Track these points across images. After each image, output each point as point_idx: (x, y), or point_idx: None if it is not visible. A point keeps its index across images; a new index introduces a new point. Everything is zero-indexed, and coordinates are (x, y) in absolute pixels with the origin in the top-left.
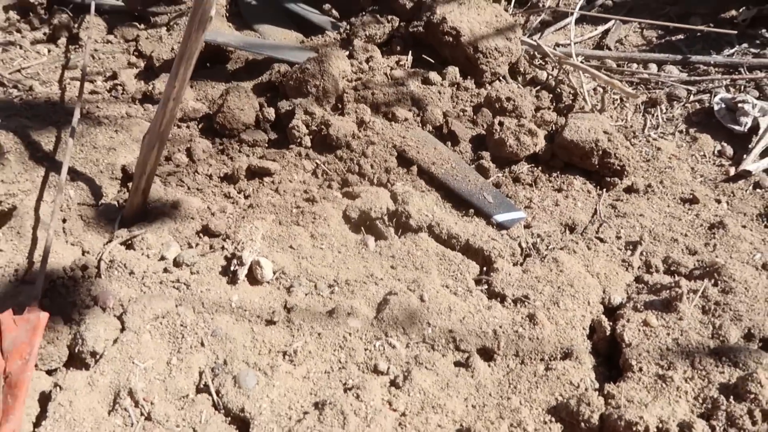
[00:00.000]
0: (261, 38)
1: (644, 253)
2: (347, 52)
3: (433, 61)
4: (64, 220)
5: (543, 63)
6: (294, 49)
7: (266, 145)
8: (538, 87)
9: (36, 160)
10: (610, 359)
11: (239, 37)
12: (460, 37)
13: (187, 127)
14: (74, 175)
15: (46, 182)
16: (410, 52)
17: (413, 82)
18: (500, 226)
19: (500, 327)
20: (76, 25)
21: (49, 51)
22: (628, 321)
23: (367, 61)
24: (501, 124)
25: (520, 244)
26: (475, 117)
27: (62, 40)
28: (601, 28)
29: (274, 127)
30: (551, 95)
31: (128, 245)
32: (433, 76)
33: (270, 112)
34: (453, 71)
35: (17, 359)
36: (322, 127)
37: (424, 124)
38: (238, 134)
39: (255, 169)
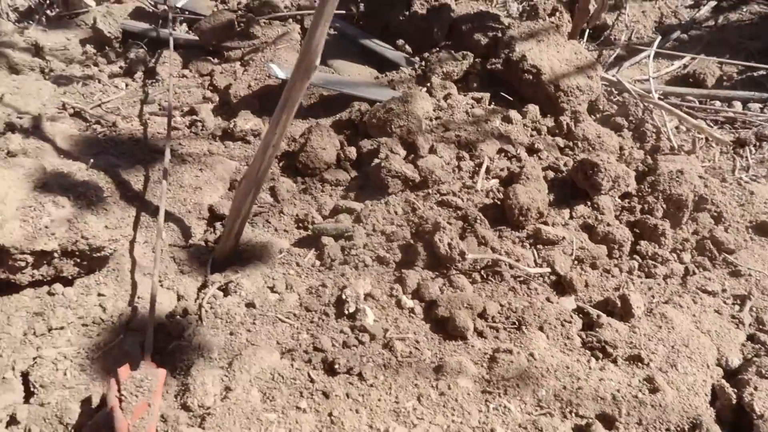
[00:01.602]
0: (336, 74)
1: (754, 309)
2: (425, 89)
3: (510, 98)
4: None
5: (621, 99)
6: (371, 85)
7: (347, 184)
8: (620, 125)
9: (127, 200)
10: (737, 429)
11: (316, 74)
12: (540, 75)
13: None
14: (165, 215)
15: (138, 223)
16: (487, 88)
17: (495, 121)
18: None
19: (618, 391)
20: (152, 60)
21: (126, 85)
22: (755, 389)
23: (446, 98)
24: (594, 167)
25: None
26: (558, 158)
27: (138, 74)
28: (678, 63)
29: (355, 166)
30: (633, 133)
31: (225, 291)
32: (514, 114)
33: (351, 152)
34: (534, 110)
35: (137, 418)
36: (408, 168)
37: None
38: (320, 173)
39: (341, 209)
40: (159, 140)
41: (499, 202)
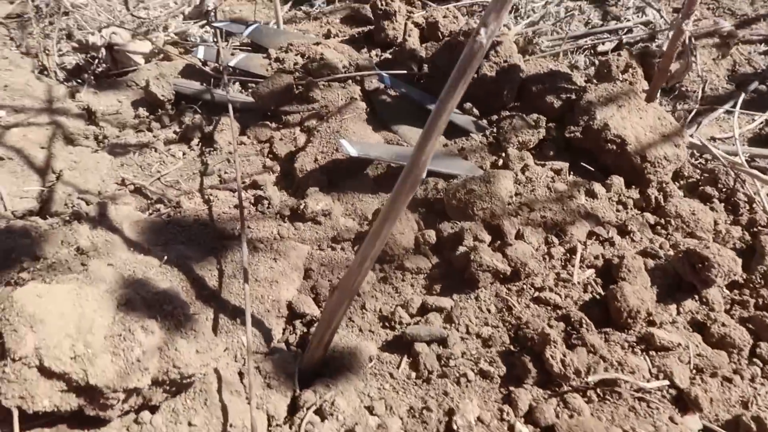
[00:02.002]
0: (403, 142)
1: None
2: (500, 160)
3: (591, 168)
4: (240, 374)
5: (705, 163)
6: (442, 156)
7: (428, 271)
8: (709, 195)
9: (204, 300)
10: None
11: (388, 149)
12: (625, 146)
13: (342, 249)
14: (244, 318)
15: (217, 327)
16: (564, 156)
17: (579, 197)
18: None
19: None
20: (209, 126)
21: (183, 154)
22: None
23: (523, 170)
24: (703, 261)
25: None
26: (652, 240)
27: (195, 141)
28: (760, 118)
29: (435, 250)
30: (725, 204)
31: (320, 412)
32: (598, 188)
33: (431, 236)
34: (618, 182)
35: None
36: (498, 260)
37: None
38: (399, 260)
39: (429, 307)
40: (226, 222)
41: (598, 297)
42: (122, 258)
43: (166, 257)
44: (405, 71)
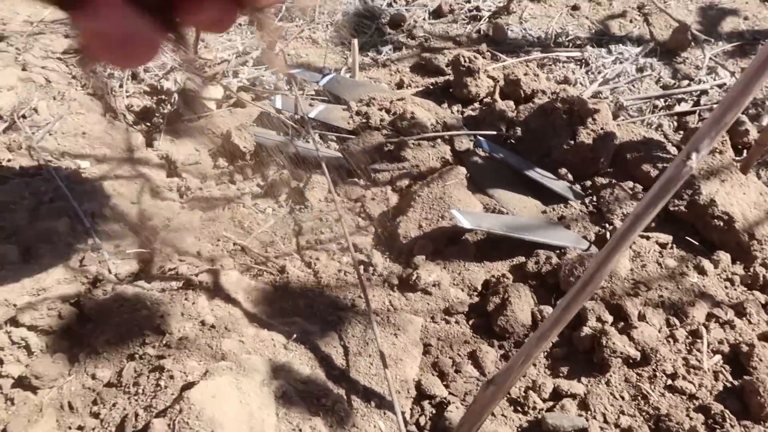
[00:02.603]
0: (502, 207)
1: None
2: (605, 231)
3: (695, 242)
4: None
5: None
6: (546, 226)
7: (549, 350)
8: None
9: (334, 380)
10: None
11: (497, 219)
12: (733, 222)
13: (456, 322)
14: (378, 400)
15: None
16: (664, 228)
17: (690, 275)
18: None
19: None
20: (296, 182)
21: (273, 211)
22: None
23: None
24: None
25: None
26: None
27: (283, 197)
28: None
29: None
30: None
31: None
32: (707, 265)
33: (549, 313)
34: (725, 259)
35: None
36: (628, 344)
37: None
38: (518, 337)
39: (563, 393)
40: (337, 290)
41: (729, 385)
42: (250, 335)
43: (293, 334)
44: (495, 132)
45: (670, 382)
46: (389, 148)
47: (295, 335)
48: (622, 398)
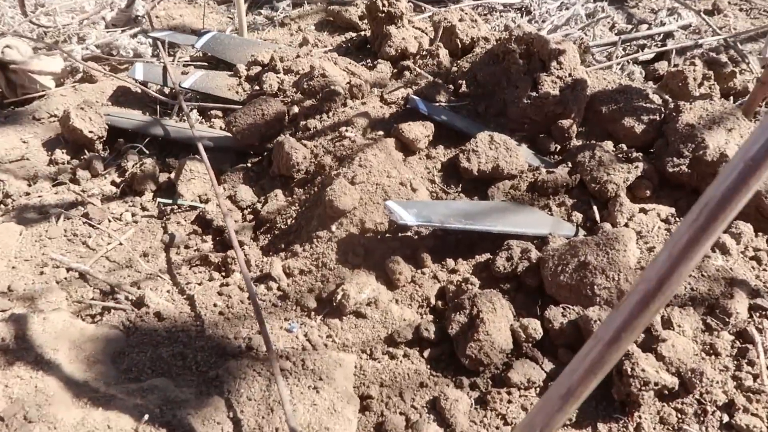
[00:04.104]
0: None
1: None
2: (593, 210)
3: None
4: None
5: None
6: (516, 208)
7: (542, 383)
8: None
9: None
10: None
11: (448, 207)
12: None
13: (405, 356)
14: None
15: None
16: (660, 195)
17: (712, 254)
18: None
19: None
20: (166, 174)
21: (132, 216)
22: None
23: (627, 222)
24: None
25: None
26: None
27: (147, 196)
28: None
29: (539, 346)
30: None
31: None
32: (728, 241)
33: (535, 328)
34: (747, 231)
35: None
36: (661, 371)
37: None
38: (496, 369)
39: None
40: (223, 327)
41: None
42: (70, 422)
43: (147, 411)
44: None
45: (726, 417)
46: (293, 119)
47: (146, 416)
48: None
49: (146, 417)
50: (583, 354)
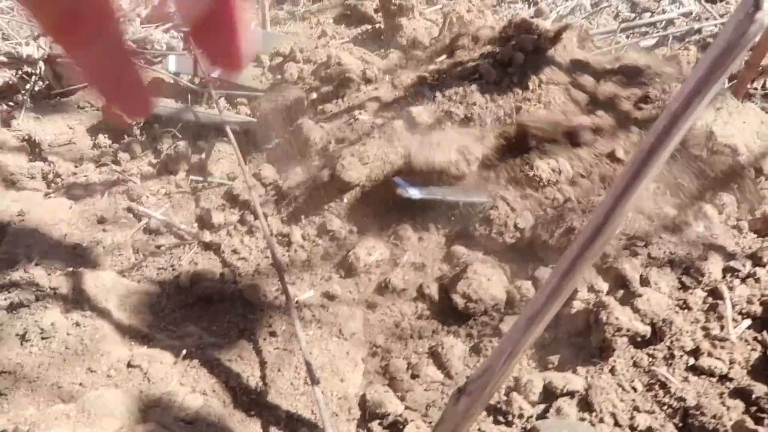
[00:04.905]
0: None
1: None
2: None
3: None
4: None
5: None
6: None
7: None
8: None
9: (245, 409)
10: None
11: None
12: (737, 156)
13: (405, 312)
14: (307, 430)
15: None
16: None
17: (693, 222)
18: None
19: None
20: (198, 155)
21: (167, 194)
22: None
23: None
24: None
25: None
26: None
27: (181, 174)
28: None
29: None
30: None
31: None
32: (710, 210)
33: (528, 288)
34: (731, 202)
35: None
36: (634, 319)
37: None
38: (492, 321)
39: (557, 391)
40: (249, 283)
41: (761, 353)
42: (119, 357)
43: (181, 350)
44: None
45: (692, 361)
46: (312, 104)
47: (184, 351)
48: (634, 389)
49: (184, 352)
50: (545, 284)
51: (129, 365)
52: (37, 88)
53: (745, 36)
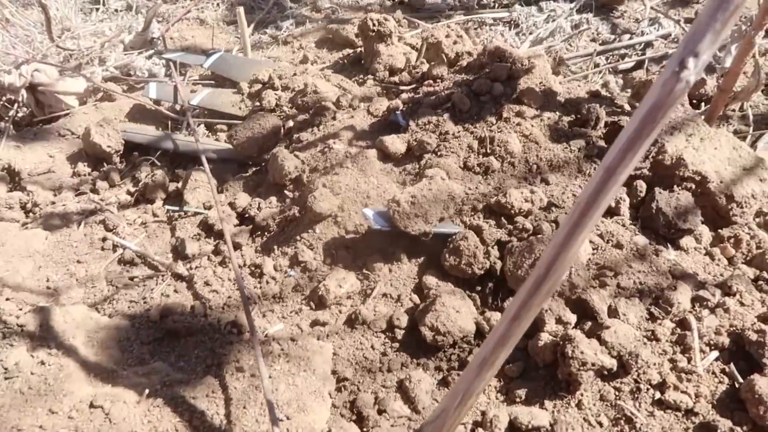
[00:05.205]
0: None
1: None
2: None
3: None
4: None
5: None
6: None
7: (500, 369)
8: None
9: None
10: None
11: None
12: (707, 184)
13: (374, 346)
14: None
15: None
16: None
17: (665, 251)
18: None
19: None
20: (175, 184)
21: (143, 224)
22: None
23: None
24: None
25: None
26: (764, 300)
27: (157, 203)
28: None
29: None
30: None
31: None
32: (688, 241)
33: (497, 320)
34: (706, 232)
35: None
36: (601, 353)
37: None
38: (461, 352)
39: (521, 426)
40: (218, 317)
41: (728, 386)
42: (81, 398)
43: (145, 388)
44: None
45: (658, 395)
46: (288, 132)
47: (147, 390)
48: (600, 425)
49: (147, 391)
50: (495, 330)
51: (91, 405)
52: (19, 115)
53: (672, 94)
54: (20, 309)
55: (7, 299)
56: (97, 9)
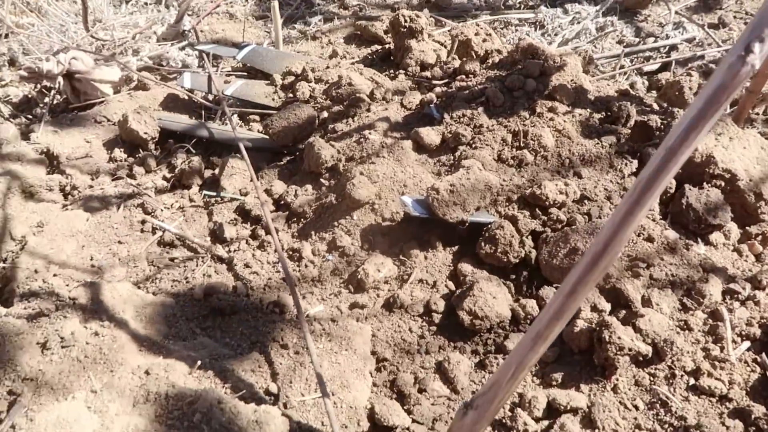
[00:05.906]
0: None
1: None
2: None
3: None
4: None
5: None
6: None
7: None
8: None
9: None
10: None
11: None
12: (736, 181)
13: (411, 329)
14: None
15: None
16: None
17: (696, 245)
18: None
19: None
20: (211, 171)
21: (181, 208)
22: None
23: None
24: None
25: None
26: None
27: (194, 189)
28: None
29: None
30: None
31: None
32: (716, 236)
33: (532, 307)
34: (734, 228)
35: None
36: (636, 339)
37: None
38: (498, 337)
39: (560, 407)
40: (261, 298)
41: (761, 375)
42: (137, 366)
43: (196, 360)
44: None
45: (692, 381)
46: (322, 123)
47: (199, 362)
48: (636, 408)
49: (198, 363)
50: (549, 304)
51: (147, 373)
52: (55, 102)
53: (737, 77)
54: (67, 285)
55: (55, 275)
56: (127, 1)
